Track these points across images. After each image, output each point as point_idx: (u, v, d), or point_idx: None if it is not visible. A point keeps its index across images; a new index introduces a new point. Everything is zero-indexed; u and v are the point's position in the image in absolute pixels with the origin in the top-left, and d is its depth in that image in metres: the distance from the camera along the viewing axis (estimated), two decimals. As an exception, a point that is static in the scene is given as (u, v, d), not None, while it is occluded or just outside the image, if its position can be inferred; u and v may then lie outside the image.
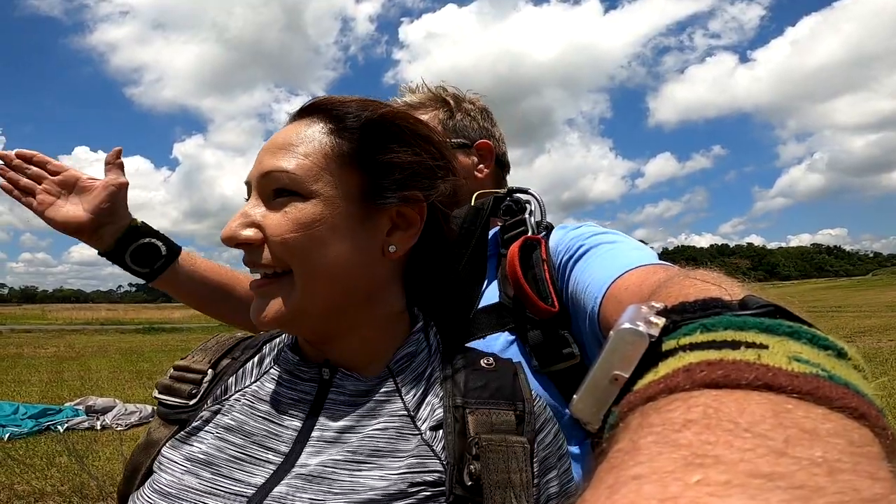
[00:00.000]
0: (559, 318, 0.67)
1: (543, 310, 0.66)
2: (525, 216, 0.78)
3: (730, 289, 0.31)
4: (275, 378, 0.56)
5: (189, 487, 0.49)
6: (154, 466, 0.54)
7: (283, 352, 0.58)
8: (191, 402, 0.57)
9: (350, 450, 0.49)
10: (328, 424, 0.52)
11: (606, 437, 0.24)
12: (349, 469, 0.48)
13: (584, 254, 0.67)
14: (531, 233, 0.76)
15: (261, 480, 0.49)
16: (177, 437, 0.54)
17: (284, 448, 0.51)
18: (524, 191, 0.83)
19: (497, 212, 0.80)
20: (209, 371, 0.59)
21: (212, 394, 0.57)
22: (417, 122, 0.56)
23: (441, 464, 0.49)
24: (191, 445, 0.53)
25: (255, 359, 0.60)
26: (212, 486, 0.49)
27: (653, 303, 0.29)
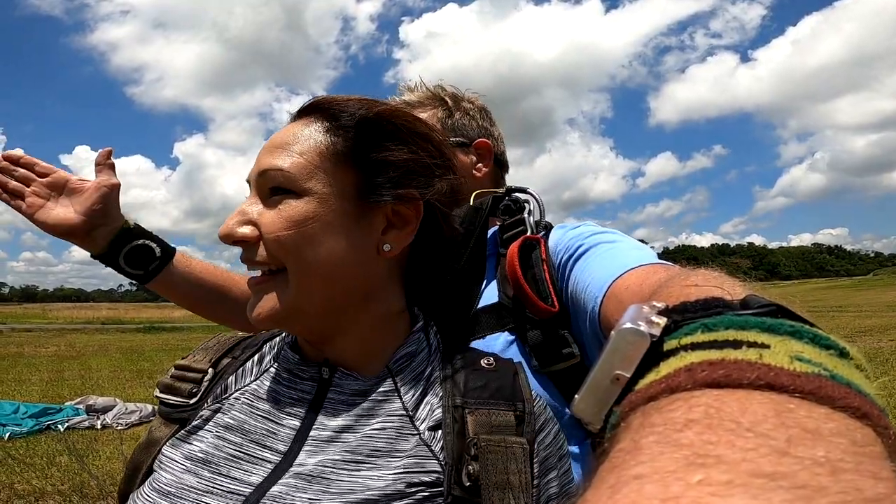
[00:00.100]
0: (559, 318, 0.67)
1: (543, 310, 0.66)
2: (524, 216, 0.78)
3: (731, 288, 0.31)
4: (274, 377, 0.56)
5: (188, 486, 0.49)
6: (154, 465, 0.54)
7: (283, 351, 0.58)
8: (191, 402, 0.57)
9: (348, 449, 0.49)
10: (327, 424, 0.51)
11: (608, 437, 0.23)
12: (347, 469, 0.48)
13: (584, 253, 0.67)
14: (530, 232, 0.76)
15: (258, 479, 0.49)
16: (177, 436, 0.55)
17: (283, 447, 0.51)
18: (523, 190, 0.83)
19: (496, 211, 0.80)
20: (210, 370, 0.59)
21: (212, 393, 0.57)
22: (415, 120, 0.56)
23: (439, 464, 0.49)
24: (191, 444, 0.53)
25: (255, 357, 0.60)
26: (210, 485, 0.49)
27: (654, 302, 0.29)
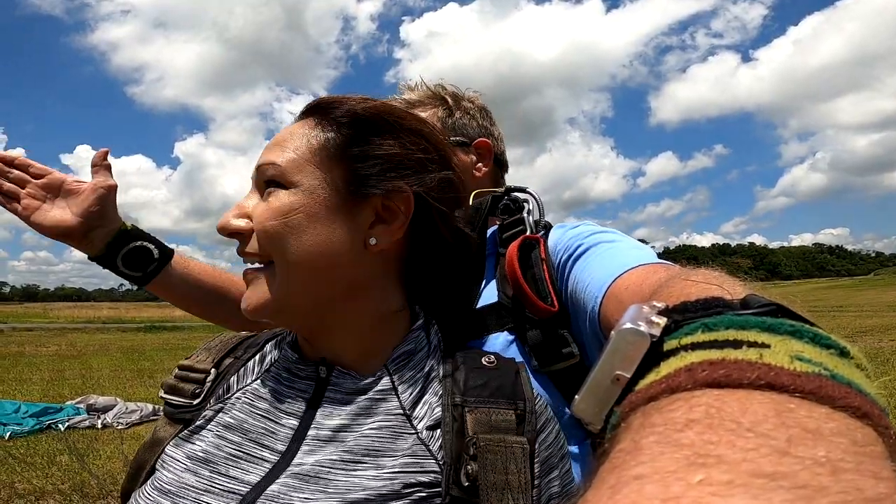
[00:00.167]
0: (558, 318, 0.67)
1: (543, 309, 0.66)
2: (523, 215, 0.78)
3: (731, 288, 0.31)
4: (275, 376, 0.56)
5: (188, 485, 0.49)
6: (157, 464, 0.54)
7: (284, 349, 0.58)
8: (195, 402, 0.57)
9: (346, 449, 0.49)
10: (325, 423, 0.51)
11: (608, 438, 0.23)
12: (344, 469, 0.48)
13: (584, 253, 0.67)
14: (530, 232, 0.75)
15: (256, 478, 0.49)
16: (180, 436, 0.55)
17: (281, 446, 0.51)
18: (522, 189, 0.83)
19: (495, 211, 0.80)
20: (212, 371, 0.60)
21: (215, 393, 0.57)
22: (407, 116, 0.56)
23: (437, 464, 0.49)
24: (192, 444, 0.53)
25: (257, 357, 0.60)
26: (209, 484, 0.49)
27: (654, 302, 0.29)
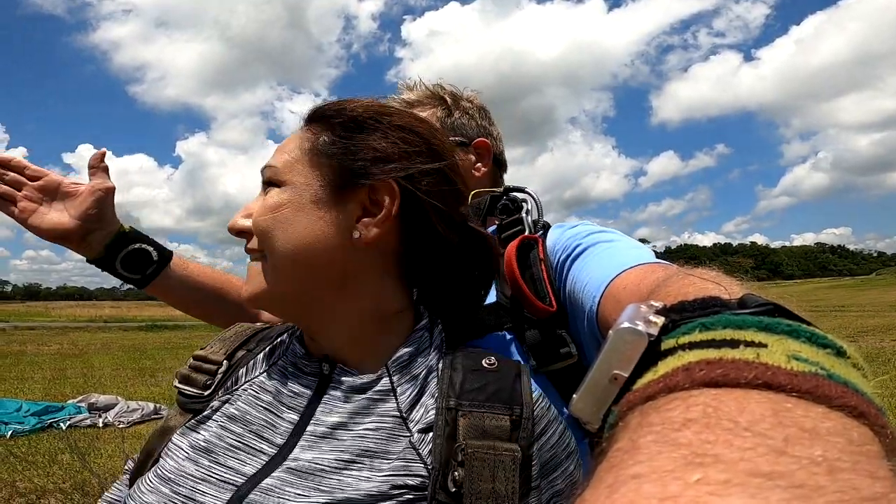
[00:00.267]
0: (557, 318, 0.67)
1: (541, 309, 0.66)
2: (522, 215, 0.78)
3: (729, 287, 0.31)
4: (281, 370, 0.57)
5: (187, 473, 0.50)
6: (162, 453, 0.55)
7: (292, 344, 0.59)
8: (206, 393, 0.58)
9: (341, 448, 0.49)
10: (323, 419, 0.52)
11: (606, 437, 0.23)
12: (338, 467, 0.48)
13: (582, 253, 0.67)
14: (528, 232, 0.75)
15: (252, 470, 0.49)
16: (187, 426, 0.56)
17: (280, 440, 0.51)
18: (521, 189, 0.82)
19: (494, 211, 0.80)
20: (224, 362, 0.61)
21: (224, 384, 0.58)
22: (395, 112, 0.56)
23: (426, 468, 0.48)
24: (197, 433, 0.54)
25: (267, 350, 0.61)
26: (207, 473, 0.50)
27: (652, 302, 0.29)
